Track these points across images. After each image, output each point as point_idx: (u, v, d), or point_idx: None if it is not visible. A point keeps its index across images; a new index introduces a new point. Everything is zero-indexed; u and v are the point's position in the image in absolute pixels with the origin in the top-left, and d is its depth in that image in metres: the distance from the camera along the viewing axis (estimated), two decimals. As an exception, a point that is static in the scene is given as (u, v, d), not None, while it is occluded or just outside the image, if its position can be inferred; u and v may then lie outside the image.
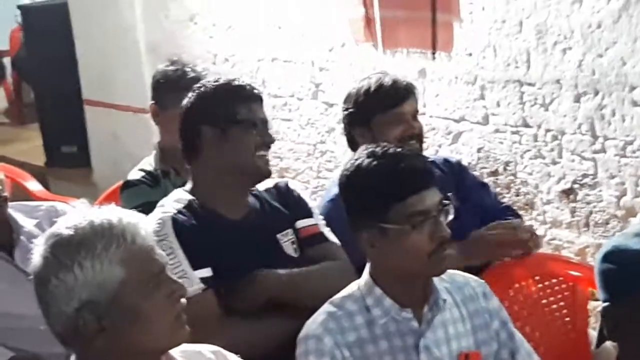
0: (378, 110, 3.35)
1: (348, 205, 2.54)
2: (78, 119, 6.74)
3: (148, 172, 3.69)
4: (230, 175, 2.94)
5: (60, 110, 6.98)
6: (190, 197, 2.96)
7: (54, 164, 7.15)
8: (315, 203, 3.26)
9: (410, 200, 2.39)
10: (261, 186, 3.08)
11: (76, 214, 2.09)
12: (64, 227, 2.04)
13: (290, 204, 3.09)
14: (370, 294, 2.47)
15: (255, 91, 3.03)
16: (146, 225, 2.10)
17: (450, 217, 2.47)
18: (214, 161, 2.95)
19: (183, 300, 2.12)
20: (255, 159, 2.95)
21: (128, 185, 3.66)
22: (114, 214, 2.07)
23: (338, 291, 2.56)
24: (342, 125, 3.54)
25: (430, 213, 2.40)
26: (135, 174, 3.71)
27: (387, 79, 3.41)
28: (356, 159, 2.50)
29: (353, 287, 2.53)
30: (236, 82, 3.02)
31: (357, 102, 3.42)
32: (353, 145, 3.40)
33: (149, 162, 3.76)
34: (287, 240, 3.03)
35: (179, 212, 2.89)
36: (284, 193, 3.12)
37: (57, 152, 7.12)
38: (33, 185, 4.92)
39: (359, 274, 2.58)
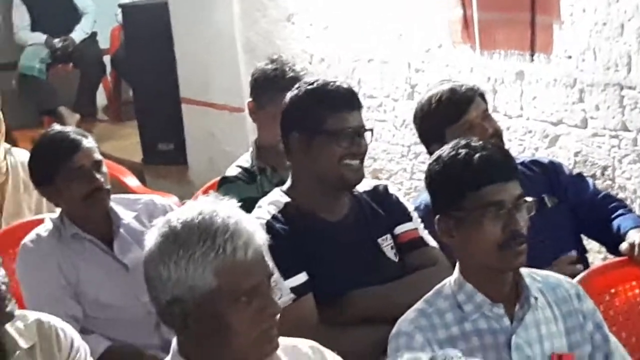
0: (446, 124, 3.30)
1: (430, 194, 2.55)
2: (175, 117, 6.82)
3: (245, 169, 3.72)
4: (318, 180, 2.94)
5: (158, 108, 7.07)
6: (287, 199, 2.96)
7: (150, 161, 7.24)
8: (410, 205, 3.24)
9: (485, 190, 2.40)
10: (361, 187, 3.06)
11: (197, 204, 2.07)
12: (177, 217, 2.05)
13: (388, 208, 3.07)
14: (461, 290, 2.47)
15: (349, 98, 2.95)
16: (257, 235, 2.06)
17: (532, 212, 2.45)
18: (303, 165, 2.96)
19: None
20: (341, 169, 2.91)
21: (225, 181, 3.70)
22: (230, 216, 2.04)
23: None
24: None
25: (505, 205, 2.40)
26: (232, 171, 3.75)
27: (446, 90, 3.36)
28: (441, 151, 2.52)
29: (444, 284, 2.53)
30: (330, 87, 2.94)
31: (424, 120, 3.41)
32: None
33: (245, 159, 3.79)
34: (387, 245, 3.02)
35: (274, 217, 2.89)
36: (383, 196, 3.10)
37: (154, 149, 7.22)
38: (131, 181, 4.98)
39: None
